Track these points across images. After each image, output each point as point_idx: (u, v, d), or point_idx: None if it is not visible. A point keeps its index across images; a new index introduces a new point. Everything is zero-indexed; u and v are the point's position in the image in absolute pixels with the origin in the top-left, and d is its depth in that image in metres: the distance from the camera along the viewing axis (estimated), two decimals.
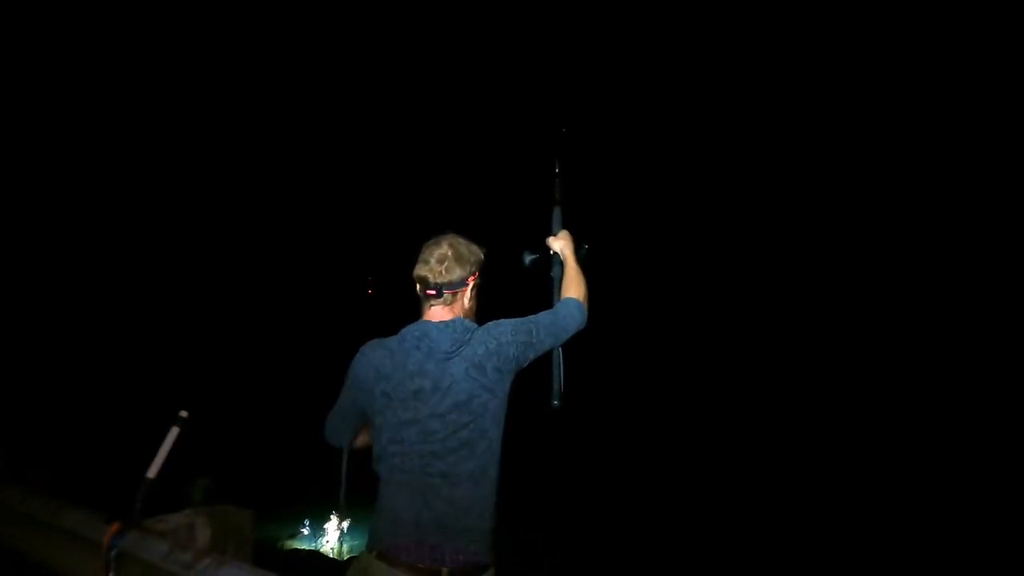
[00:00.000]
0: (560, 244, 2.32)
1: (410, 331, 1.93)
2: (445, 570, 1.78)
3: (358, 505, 2.23)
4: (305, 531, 16.63)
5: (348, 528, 16.37)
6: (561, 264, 2.28)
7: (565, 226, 2.41)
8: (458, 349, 1.85)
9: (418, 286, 1.96)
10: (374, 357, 1.95)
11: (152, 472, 3.60)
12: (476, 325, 1.96)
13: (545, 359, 2.10)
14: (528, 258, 2.36)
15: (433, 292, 1.92)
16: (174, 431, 3.69)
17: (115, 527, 3.49)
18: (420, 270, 1.94)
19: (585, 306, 2.10)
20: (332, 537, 16.28)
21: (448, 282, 1.92)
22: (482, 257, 2.03)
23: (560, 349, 2.12)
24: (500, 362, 1.86)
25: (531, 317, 2.00)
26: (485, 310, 2.08)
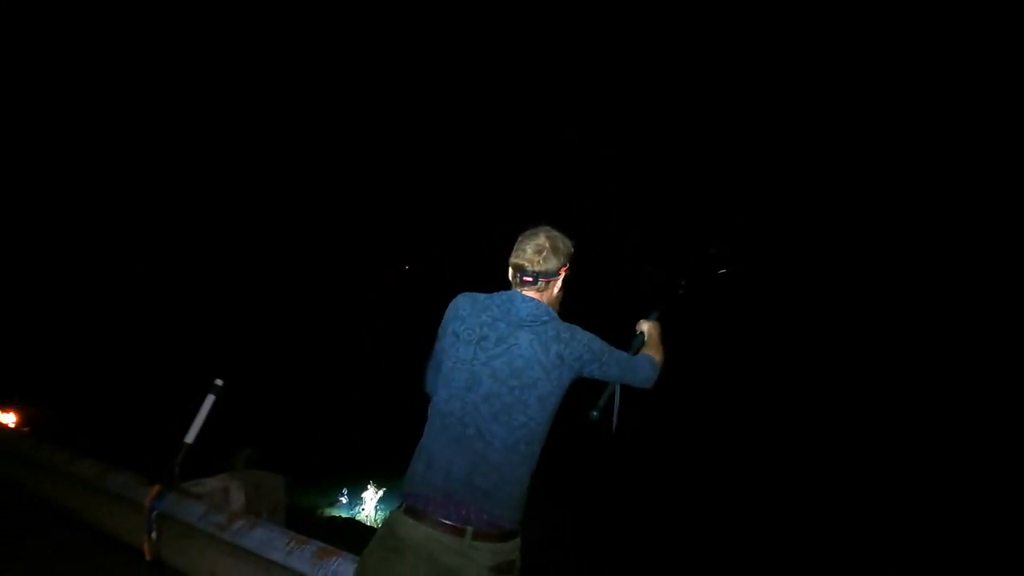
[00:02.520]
0: (648, 325, 2.46)
1: (499, 294, 2.03)
2: (470, 529, 1.81)
3: (393, 477, 2.29)
4: (343, 500, 17.06)
5: (384, 497, 16.76)
6: (643, 341, 2.41)
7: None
8: (532, 323, 1.94)
9: (512, 272, 2.05)
10: (461, 300, 2.04)
11: (190, 438, 3.74)
12: (556, 314, 2.03)
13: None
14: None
15: (530, 280, 2.01)
16: (210, 399, 3.82)
17: (156, 490, 3.65)
18: (517, 258, 2.02)
19: (659, 369, 2.23)
20: (369, 506, 16.69)
21: (544, 271, 2.00)
22: (572, 250, 2.10)
23: (619, 387, 2.23)
24: (565, 351, 1.92)
25: (609, 344, 2.09)
26: None
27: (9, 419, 8.33)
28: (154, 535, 3.50)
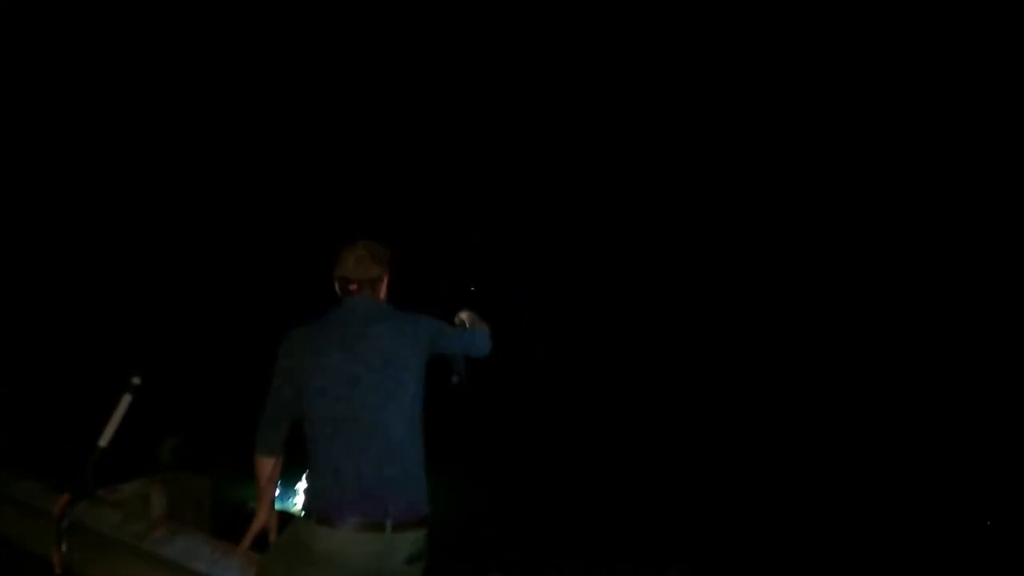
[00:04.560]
0: (465, 313, 2.62)
1: (334, 308, 2.16)
2: (389, 523, 1.83)
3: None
4: (275, 492, 16.69)
5: None
6: (467, 325, 2.58)
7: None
8: (379, 314, 2.10)
9: (338, 285, 2.18)
10: (298, 330, 2.11)
11: (104, 441, 3.49)
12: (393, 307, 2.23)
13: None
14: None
15: (355, 287, 2.14)
16: (126, 398, 3.57)
17: (66, 498, 3.39)
18: (340, 271, 2.17)
19: (490, 339, 2.48)
20: (301, 498, 16.37)
21: (368, 278, 2.16)
22: (391, 256, 2.28)
23: (462, 357, 2.47)
24: (417, 330, 2.09)
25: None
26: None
27: None
28: (64, 547, 3.26)
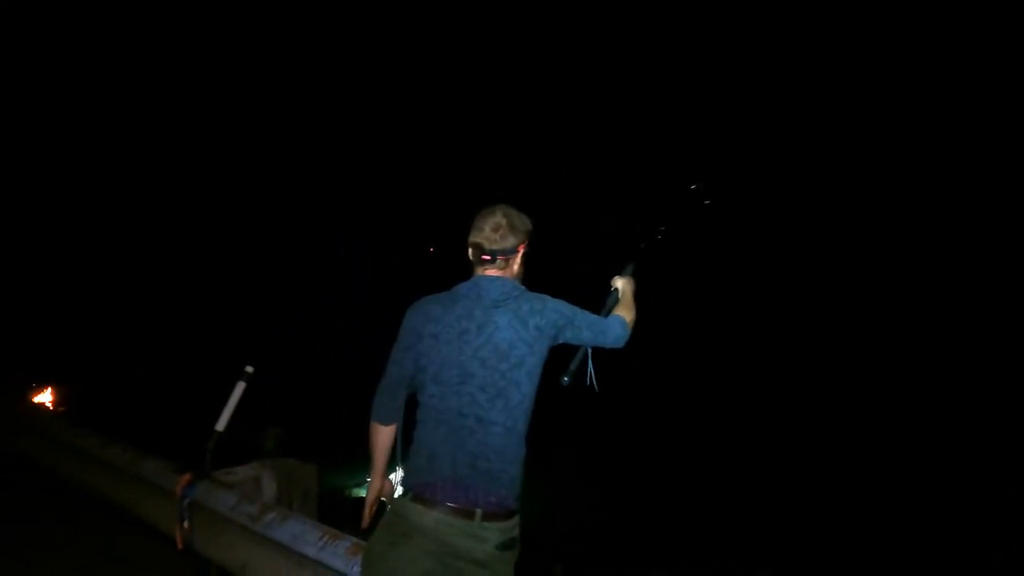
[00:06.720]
0: (622, 282, 2.49)
1: (463, 284, 2.07)
2: (479, 511, 1.86)
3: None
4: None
5: None
6: (617, 298, 2.43)
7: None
8: (505, 300, 1.98)
9: (471, 252, 2.09)
10: (426, 305, 2.06)
11: (220, 425, 3.68)
12: (524, 287, 2.09)
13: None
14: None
15: (488, 258, 2.05)
16: (240, 386, 3.76)
17: (187, 477, 3.60)
18: (475, 237, 2.07)
19: (630, 328, 2.25)
20: (396, 487, 16.79)
21: (502, 249, 2.05)
22: (531, 227, 2.15)
23: (589, 348, 2.26)
24: (541, 321, 1.97)
25: (577, 307, 2.14)
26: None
27: (46, 398, 8.41)
28: (186, 524, 3.46)
